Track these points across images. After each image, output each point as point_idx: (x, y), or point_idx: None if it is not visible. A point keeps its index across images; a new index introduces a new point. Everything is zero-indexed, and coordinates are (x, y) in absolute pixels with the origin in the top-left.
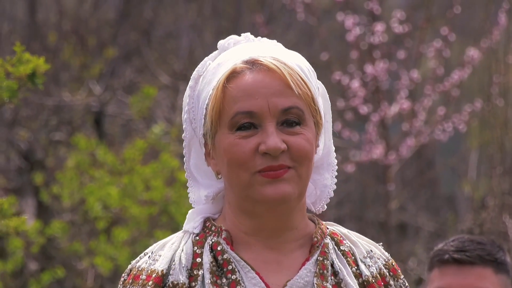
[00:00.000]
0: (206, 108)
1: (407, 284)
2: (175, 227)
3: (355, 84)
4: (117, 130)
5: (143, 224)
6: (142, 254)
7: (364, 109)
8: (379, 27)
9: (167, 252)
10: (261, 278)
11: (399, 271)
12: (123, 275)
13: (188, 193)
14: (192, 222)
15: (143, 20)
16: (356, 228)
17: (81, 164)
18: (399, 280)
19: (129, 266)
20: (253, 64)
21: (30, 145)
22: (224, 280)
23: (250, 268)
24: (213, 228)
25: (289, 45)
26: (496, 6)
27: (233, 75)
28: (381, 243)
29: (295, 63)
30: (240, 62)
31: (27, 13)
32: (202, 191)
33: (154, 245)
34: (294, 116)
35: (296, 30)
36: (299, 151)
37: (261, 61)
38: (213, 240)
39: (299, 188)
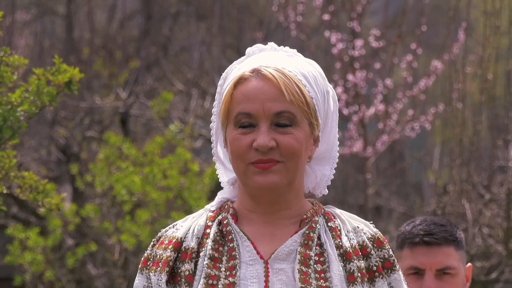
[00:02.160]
0: (221, 106)
1: (391, 253)
2: (188, 209)
3: (339, 90)
4: (139, 128)
5: (161, 206)
6: (171, 225)
7: (346, 111)
8: (359, 42)
9: (187, 223)
10: (254, 246)
11: (384, 243)
12: (153, 240)
13: (217, 174)
14: (214, 202)
15: (162, 37)
16: None
17: (110, 157)
18: (383, 250)
19: (159, 234)
20: (257, 72)
21: (67, 141)
22: (224, 248)
23: (246, 238)
24: (226, 206)
25: None
26: (456, 25)
27: (240, 81)
28: (371, 222)
29: (299, 71)
30: (248, 70)
31: (65, 31)
32: (228, 174)
33: (183, 218)
34: (285, 119)
35: (289, 44)
36: (287, 148)
37: (262, 71)
38: (222, 216)
39: (287, 179)
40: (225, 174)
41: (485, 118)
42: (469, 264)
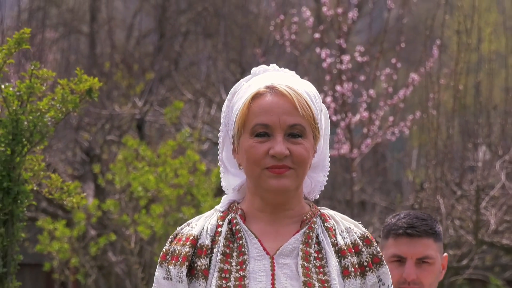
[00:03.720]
0: (236, 117)
1: (378, 249)
2: (197, 204)
3: (328, 99)
4: (154, 133)
5: (173, 202)
6: (186, 224)
7: (335, 118)
8: (346, 57)
9: (201, 222)
10: (261, 243)
11: (372, 241)
12: (170, 237)
13: (221, 178)
14: (222, 204)
15: (173, 53)
16: (328, 205)
17: (128, 158)
18: (372, 247)
19: (175, 232)
20: (272, 89)
21: (90, 144)
22: (234, 244)
23: (254, 236)
24: (234, 208)
25: None
26: (431, 42)
27: (256, 96)
28: (360, 222)
29: (304, 90)
30: (263, 86)
31: (88, 48)
32: (231, 179)
33: (195, 217)
34: (298, 131)
35: (284, 59)
36: (299, 157)
37: (277, 87)
38: (231, 216)
39: (296, 183)
40: (227, 178)
41: (457, 124)
42: (445, 254)
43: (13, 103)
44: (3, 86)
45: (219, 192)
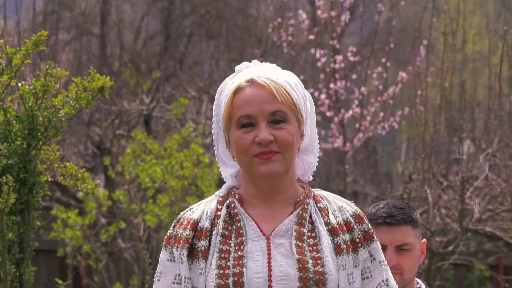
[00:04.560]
0: (222, 113)
1: (370, 226)
2: (200, 194)
3: (323, 96)
4: (160, 127)
5: (178, 192)
6: (188, 209)
7: (329, 114)
8: (339, 57)
9: (201, 207)
10: (257, 225)
11: (364, 218)
12: (174, 221)
13: (220, 171)
14: (221, 189)
15: (178, 53)
16: None
17: (136, 151)
18: (363, 224)
19: (178, 217)
20: (251, 82)
21: (101, 138)
22: (233, 227)
23: (251, 219)
24: (232, 193)
25: None
26: (419, 43)
27: (238, 90)
28: (353, 202)
29: (283, 79)
30: (243, 81)
31: (99, 48)
32: (229, 170)
33: (197, 203)
34: (279, 117)
35: (282, 59)
36: (283, 141)
37: (256, 80)
38: (230, 200)
39: (284, 167)
40: (226, 170)
41: (443, 119)
42: (423, 240)
43: (29, 100)
44: (20, 84)
45: (221, 183)
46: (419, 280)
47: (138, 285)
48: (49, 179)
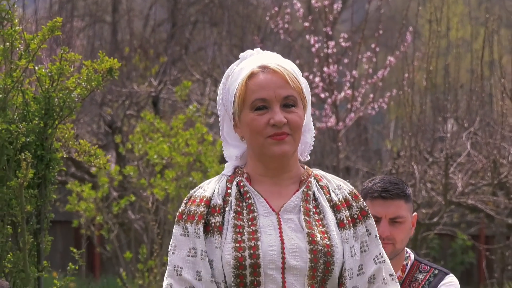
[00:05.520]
0: (234, 96)
1: (365, 204)
2: (204, 170)
3: (317, 79)
4: (167, 108)
5: (184, 167)
6: (198, 187)
7: (322, 95)
8: (332, 43)
9: (212, 185)
10: (267, 202)
11: (359, 196)
12: (185, 199)
13: (223, 151)
14: (227, 169)
15: (184, 39)
16: None
17: (145, 130)
18: (359, 202)
19: (189, 195)
20: (264, 68)
21: (112, 117)
22: (244, 203)
23: (260, 196)
24: (239, 172)
25: None
26: (405, 29)
27: (251, 75)
28: (348, 180)
29: (289, 67)
30: (256, 67)
31: (111, 35)
32: (232, 150)
33: (205, 181)
34: (291, 101)
35: (279, 45)
36: (295, 123)
37: (269, 66)
38: (238, 179)
39: (293, 147)
40: (229, 150)
41: (428, 101)
42: (414, 213)
43: (46, 83)
44: (37, 68)
45: (223, 159)
46: (408, 249)
47: (146, 254)
48: (64, 156)
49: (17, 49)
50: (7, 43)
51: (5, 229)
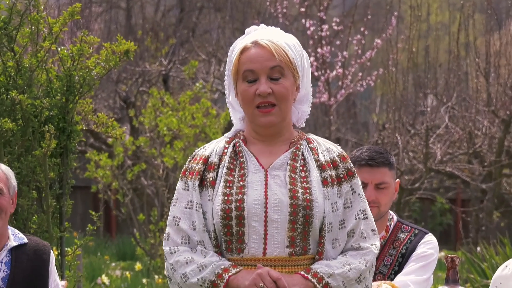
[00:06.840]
0: (231, 68)
1: (352, 165)
2: (209, 140)
3: (311, 59)
4: (176, 85)
5: (191, 138)
6: (201, 147)
7: (316, 74)
8: (325, 26)
9: (212, 146)
10: (257, 160)
11: (347, 158)
12: (189, 157)
13: (229, 117)
14: (230, 132)
15: (191, 23)
16: None
17: (155, 104)
18: (347, 163)
19: (193, 153)
20: (255, 43)
21: (126, 93)
22: (237, 162)
23: (252, 155)
24: (238, 134)
25: None
26: (390, 14)
27: (244, 49)
28: (339, 144)
29: (283, 41)
30: (249, 42)
31: (125, 19)
32: (237, 114)
33: (209, 142)
34: (277, 72)
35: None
36: (280, 94)
37: (259, 41)
38: (236, 140)
39: (280, 117)
40: (235, 114)
41: (410, 78)
42: (397, 180)
43: (67, 62)
44: (59, 49)
45: (226, 131)
46: (391, 212)
47: (157, 216)
48: (84, 128)
49: (42, 32)
50: (33, 27)
51: (31, 193)
